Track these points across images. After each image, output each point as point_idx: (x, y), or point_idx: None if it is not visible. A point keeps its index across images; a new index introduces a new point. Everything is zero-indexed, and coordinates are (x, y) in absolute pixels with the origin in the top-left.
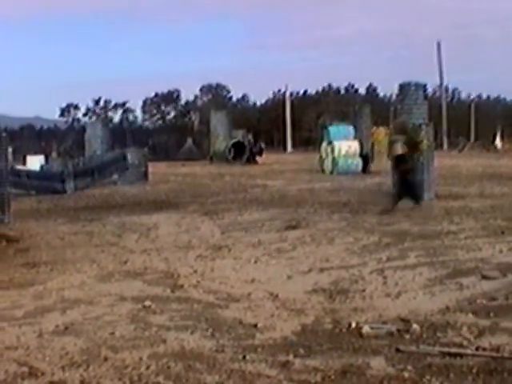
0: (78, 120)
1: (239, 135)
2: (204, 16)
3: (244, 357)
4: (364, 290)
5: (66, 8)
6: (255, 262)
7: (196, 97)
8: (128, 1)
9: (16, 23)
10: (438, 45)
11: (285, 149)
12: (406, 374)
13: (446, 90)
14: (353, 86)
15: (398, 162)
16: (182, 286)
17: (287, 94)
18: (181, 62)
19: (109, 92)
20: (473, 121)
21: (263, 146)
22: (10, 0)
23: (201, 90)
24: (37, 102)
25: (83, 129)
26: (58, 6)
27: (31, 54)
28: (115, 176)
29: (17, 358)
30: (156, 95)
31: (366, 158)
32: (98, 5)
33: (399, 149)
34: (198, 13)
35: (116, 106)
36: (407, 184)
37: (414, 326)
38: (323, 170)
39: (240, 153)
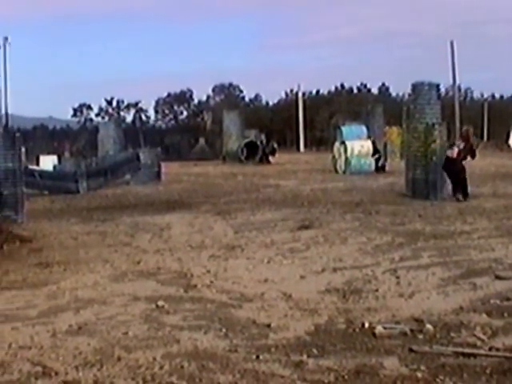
0: (91, 120)
1: (252, 135)
2: (216, 15)
3: (257, 357)
4: (377, 290)
5: (79, 8)
6: (268, 261)
7: (208, 97)
8: (141, 1)
9: (29, 24)
10: (451, 44)
11: (297, 148)
12: (420, 374)
13: (459, 89)
14: (365, 86)
15: (450, 163)
16: (195, 286)
17: (300, 93)
18: (193, 61)
19: (121, 92)
20: (486, 120)
21: (276, 145)
22: (23, 1)
23: (213, 89)
24: (50, 102)
25: (96, 129)
26: (71, 7)
27: (44, 55)
28: (128, 176)
29: (30, 357)
30: (168, 95)
31: (379, 156)
32: (110, 5)
33: (455, 153)
34: (210, 12)
35: (129, 106)
36: (460, 182)
37: (428, 326)
38: (336, 170)
39: (253, 153)
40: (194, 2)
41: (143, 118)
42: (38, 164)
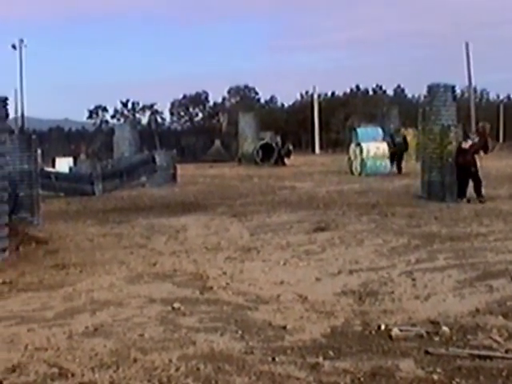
0: (107, 122)
1: (267, 137)
2: (232, 17)
3: (273, 359)
4: (393, 292)
5: (94, 11)
6: (284, 263)
7: (224, 98)
8: (155, 3)
9: (45, 26)
10: (467, 45)
11: (313, 150)
12: (436, 377)
13: (475, 90)
14: (381, 88)
15: (461, 154)
16: (211, 288)
17: (315, 95)
18: (209, 63)
19: (137, 94)
20: (502, 122)
21: (291, 147)
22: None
23: (229, 91)
24: (65, 104)
25: (111, 131)
26: (87, 8)
27: (60, 57)
28: (143, 178)
29: (47, 359)
30: (184, 97)
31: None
32: (126, 7)
33: (467, 144)
34: (226, 14)
35: (144, 108)
36: (471, 175)
37: (444, 328)
38: (352, 172)
39: (268, 154)
40: (210, 5)
41: (159, 119)
42: (53, 166)
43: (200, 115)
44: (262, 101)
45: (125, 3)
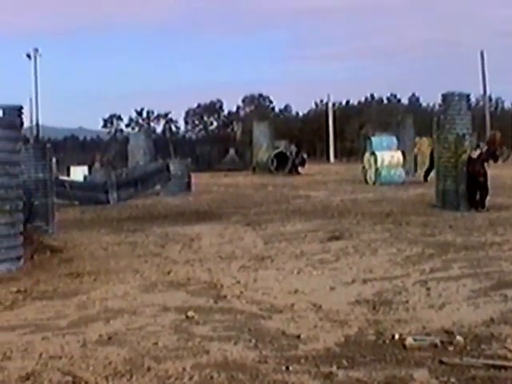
0: (121, 131)
1: (282, 146)
2: (247, 27)
3: (287, 368)
4: (407, 302)
5: (108, 20)
6: (298, 272)
7: (238, 107)
8: (170, 12)
9: (60, 35)
10: (481, 54)
11: (327, 159)
12: None
13: (490, 99)
14: (395, 96)
15: (470, 163)
16: (225, 297)
17: (329, 104)
18: (223, 72)
19: (151, 103)
20: None
21: (305, 156)
22: (54, 13)
23: (243, 100)
24: (80, 112)
25: (126, 139)
26: (99, 19)
27: (74, 66)
28: (158, 186)
29: (61, 367)
30: (198, 106)
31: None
32: (141, 16)
33: (476, 154)
34: (240, 23)
35: (158, 117)
36: (479, 184)
37: (458, 337)
38: (366, 181)
39: (282, 163)
40: (224, 14)
41: (173, 128)
42: (68, 174)
43: (214, 124)
44: (277, 109)
45: (139, 12)
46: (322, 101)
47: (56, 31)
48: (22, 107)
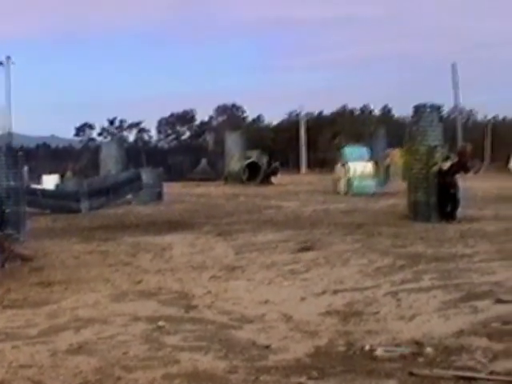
0: (93, 139)
1: (254, 156)
2: (219, 36)
3: (257, 378)
4: (378, 313)
5: (81, 28)
6: (269, 283)
7: (211, 117)
8: (143, 22)
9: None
10: (453, 66)
11: (299, 169)
12: None
13: (462, 111)
14: (368, 107)
15: (441, 175)
16: (195, 307)
17: (302, 114)
18: (196, 82)
19: (124, 112)
20: (488, 142)
21: (278, 166)
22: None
23: (216, 110)
24: (52, 121)
25: (98, 148)
26: (73, 28)
27: (47, 74)
28: (130, 196)
29: (31, 376)
30: (171, 115)
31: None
32: (113, 26)
33: (447, 165)
34: (213, 33)
35: (131, 126)
36: (450, 196)
37: (428, 349)
38: (338, 191)
39: (255, 173)
40: (196, 23)
41: (145, 137)
42: (40, 183)
43: (187, 133)
44: (249, 119)
45: (112, 22)
46: (294, 111)
47: (29, 39)
48: None
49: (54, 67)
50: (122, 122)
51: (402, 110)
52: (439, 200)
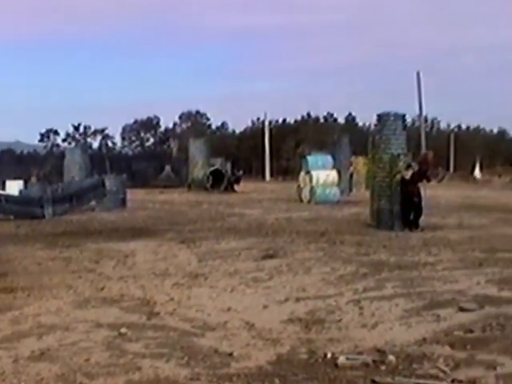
0: (58, 145)
1: (217, 163)
2: (184, 44)
3: None
4: (340, 321)
5: (47, 34)
6: (231, 290)
7: (175, 124)
8: (108, 29)
9: None
10: (418, 74)
11: (263, 177)
12: None
13: (426, 120)
14: (332, 115)
15: (404, 184)
16: (158, 314)
17: (266, 122)
18: (160, 88)
19: (88, 118)
20: (452, 151)
21: (240, 173)
22: None
23: (180, 117)
24: (17, 126)
25: (62, 154)
26: (38, 33)
27: (12, 79)
28: (93, 202)
29: None
30: (135, 122)
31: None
32: (77, 32)
33: (409, 174)
34: (177, 41)
35: (95, 132)
36: (413, 205)
37: (390, 357)
38: (301, 199)
39: (218, 181)
40: (161, 32)
41: (110, 144)
42: (3, 188)
43: (151, 140)
44: (213, 127)
45: (79, 29)
46: (258, 119)
47: None
48: None
49: (18, 72)
50: (86, 128)
51: (366, 118)
52: (402, 208)
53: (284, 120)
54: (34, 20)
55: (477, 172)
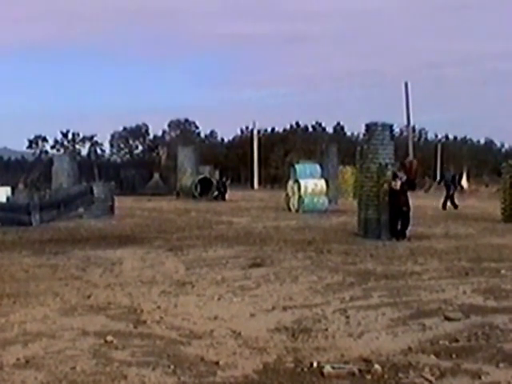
0: (46, 152)
1: (206, 171)
2: (173, 52)
3: None
4: (327, 330)
5: (36, 41)
6: (219, 299)
7: (164, 132)
8: (96, 35)
9: None
10: (406, 85)
11: (252, 186)
12: None
13: (413, 130)
14: (320, 125)
15: (394, 194)
16: (144, 322)
17: (255, 130)
18: (149, 96)
19: (77, 125)
20: (439, 161)
21: (228, 182)
22: None
23: (169, 125)
24: (5, 133)
25: (50, 161)
26: (24, 40)
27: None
28: (81, 209)
29: None
30: (124, 129)
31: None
32: (66, 38)
33: (398, 185)
34: (166, 49)
35: (84, 140)
36: (402, 214)
37: (376, 366)
38: (289, 208)
39: (207, 189)
40: (150, 39)
41: (98, 151)
42: None
43: (140, 148)
44: (202, 135)
45: (67, 34)
46: (247, 127)
47: None
48: None
49: (6, 78)
50: (74, 135)
51: (355, 128)
52: (390, 218)
53: (273, 129)
54: (22, 27)
55: (463, 182)
